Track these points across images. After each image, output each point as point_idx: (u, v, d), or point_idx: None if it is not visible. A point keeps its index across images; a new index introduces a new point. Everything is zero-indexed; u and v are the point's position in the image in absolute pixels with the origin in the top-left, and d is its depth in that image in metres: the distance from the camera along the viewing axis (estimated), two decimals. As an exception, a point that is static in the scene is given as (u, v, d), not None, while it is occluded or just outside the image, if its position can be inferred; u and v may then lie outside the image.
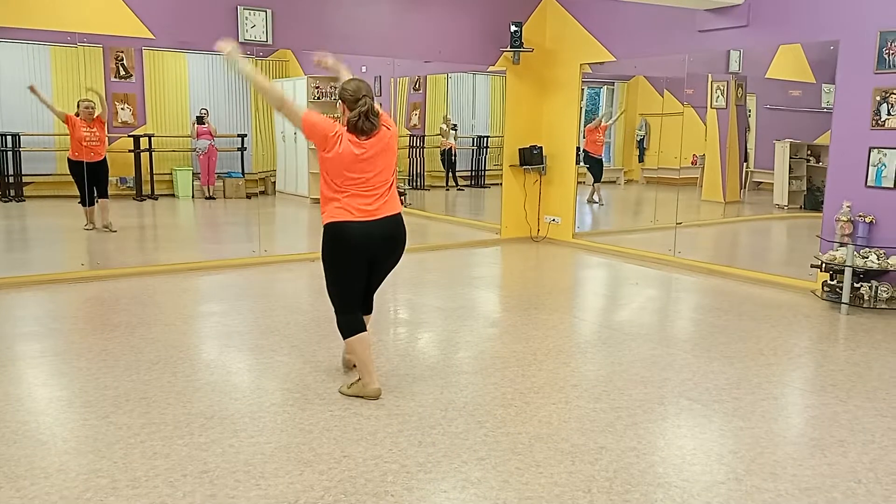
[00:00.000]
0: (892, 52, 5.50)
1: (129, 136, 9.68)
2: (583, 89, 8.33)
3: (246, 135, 10.74)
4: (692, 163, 8.20)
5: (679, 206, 7.45)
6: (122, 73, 9.85)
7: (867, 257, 5.47)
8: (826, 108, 6.36)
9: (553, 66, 8.31)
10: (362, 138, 3.41)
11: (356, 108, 3.37)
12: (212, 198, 10.54)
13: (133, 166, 9.72)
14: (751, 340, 4.72)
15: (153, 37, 6.25)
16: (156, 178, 9.96)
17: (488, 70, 8.53)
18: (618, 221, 10.28)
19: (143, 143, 9.72)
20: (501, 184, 8.62)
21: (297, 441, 3.12)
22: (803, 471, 2.93)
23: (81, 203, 7.65)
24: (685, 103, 7.61)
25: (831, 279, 5.68)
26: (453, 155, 10.91)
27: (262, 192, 11.05)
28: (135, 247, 7.82)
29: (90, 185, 7.47)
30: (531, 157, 8.33)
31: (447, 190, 11.06)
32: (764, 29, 6.36)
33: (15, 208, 8.92)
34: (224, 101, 10.74)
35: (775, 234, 8.82)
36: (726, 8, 6.53)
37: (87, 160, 7.31)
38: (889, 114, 5.57)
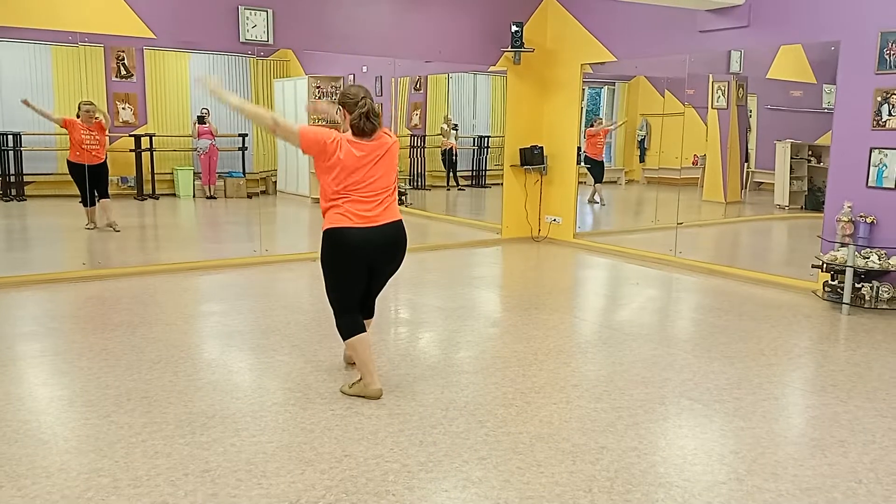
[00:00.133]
0: (892, 52, 5.50)
1: (130, 136, 9.69)
2: (584, 89, 8.33)
3: (247, 134, 10.73)
4: (693, 163, 8.20)
5: (680, 206, 7.45)
6: (123, 72, 9.85)
7: (868, 257, 5.47)
8: (827, 108, 6.36)
9: (554, 66, 8.31)
10: (364, 139, 3.44)
11: (357, 109, 3.42)
12: (213, 197, 10.55)
13: (134, 166, 9.72)
14: (752, 340, 4.72)
15: (154, 36, 6.26)
16: (157, 177, 9.96)
17: (489, 70, 8.54)
18: (619, 221, 10.28)
19: (145, 142, 9.73)
20: (502, 184, 8.62)
21: (299, 440, 3.12)
22: (804, 471, 2.93)
23: (82, 203, 7.68)
24: (686, 103, 7.61)
25: (832, 279, 5.68)
26: (454, 155, 10.91)
27: (263, 192, 11.06)
28: (136, 246, 7.82)
29: (90, 186, 7.48)
30: (532, 157, 8.33)
31: (448, 190, 11.06)
32: (765, 29, 6.36)
33: (16, 207, 8.93)
34: (225, 100, 10.73)
35: (776, 235, 8.82)
36: (727, 8, 6.53)
37: (86, 163, 7.32)
38: (890, 114, 5.56)
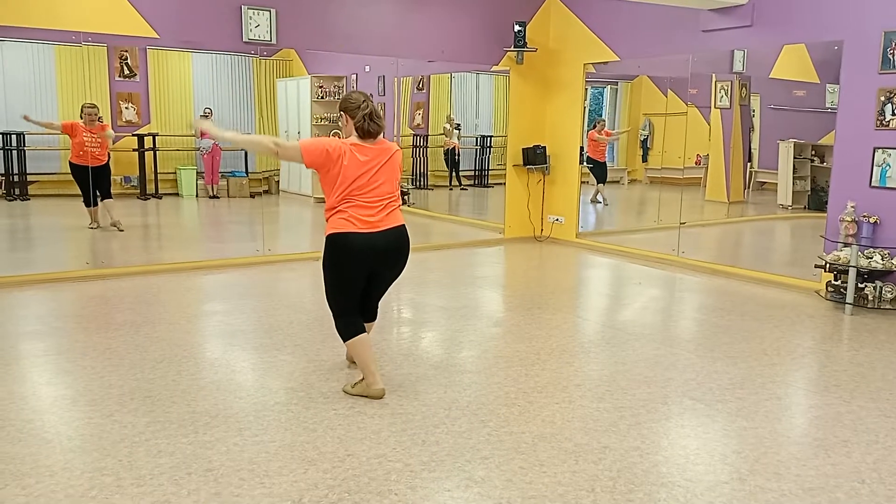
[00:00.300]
0: (896, 52, 5.49)
1: (134, 136, 9.71)
2: (586, 89, 8.32)
3: (250, 134, 10.75)
4: (696, 163, 8.20)
5: (683, 206, 7.45)
6: (126, 72, 9.86)
7: (871, 257, 5.46)
8: (830, 108, 6.36)
9: (556, 65, 8.31)
10: (368, 143, 3.48)
11: (360, 112, 3.46)
12: (216, 197, 10.57)
13: (137, 165, 9.74)
14: (754, 340, 4.71)
15: (158, 36, 6.27)
16: (160, 177, 9.98)
17: (492, 70, 8.54)
18: (621, 221, 10.27)
19: (148, 142, 9.75)
20: (505, 183, 8.62)
21: (302, 440, 3.13)
22: (807, 471, 2.93)
23: (85, 203, 7.70)
24: (689, 103, 7.61)
25: (835, 279, 5.67)
26: (457, 154, 10.92)
27: (266, 192, 11.08)
28: (139, 246, 7.83)
29: (92, 187, 7.50)
30: (535, 157, 8.33)
31: (450, 189, 11.07)
32: (768, 29, 6.35)
33: (19, 207, 8.95)
34: (228, 100, 10.76)
35: (779, 235, 8.81)
36: (730, 8, 6.53)
37: (88, 164, 7.33)
38: (893, 114, 5.55)
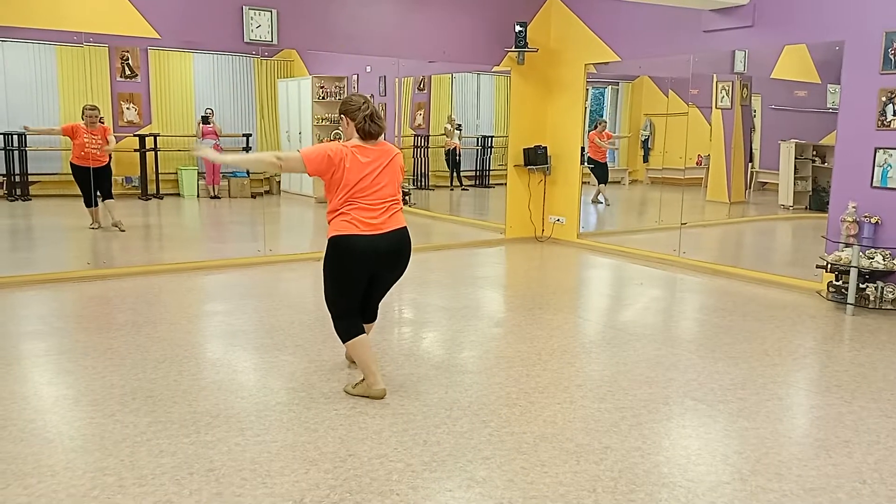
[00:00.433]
0: (897, 52, 5.49)
1: (135, 136, 9.71)
2: (587, 89, 8.32)
3: (251, 134, 10.76)
4: (697, 163, 8.19)
5: (684, 206, 7.45)
6: (127, 72, 9.87)
7: (873, 258, 5.46)
8: (831, 108, 6.35)
9: (557, 66, 8.31)
10: (370, 144, 3.49)
11: (360, 114, 3.47)
12: (217, 197, 10.56)
13: (138, 166, 9.75)
14: (756, 341, 4.71)
15: (159, 37, 6.27)
16: (161, 177, 9.98)
17: (493, 70, 8.53)
18: (622, 222, 10.26)
19: (149, 142, 9.75)
20: (506, 184, 8.62)
21: (303, 440, 3.13)
22: (808, 471, 2.93)
23: (86, 204, 7.70)
24: (690, 103, 7.60)
25: (837, 280, 5.67)
26: (458, 155, 10.91)
27: (267, 192, 11.07)
28: (140, 246, 7.84)
29: (93, 187, 7.51)
30: (536, 157, 8.33)
31: (451, 190, 11.07)
32: (769, 29, 6.35)
33: (21, 207, 8.95)
34: (229, 100, 10.76)
35: (780, 235, 8.80)
36: (731, 8, 6.53)
37: (90, 165, 7.34)
38: (894, 114, 5.55)
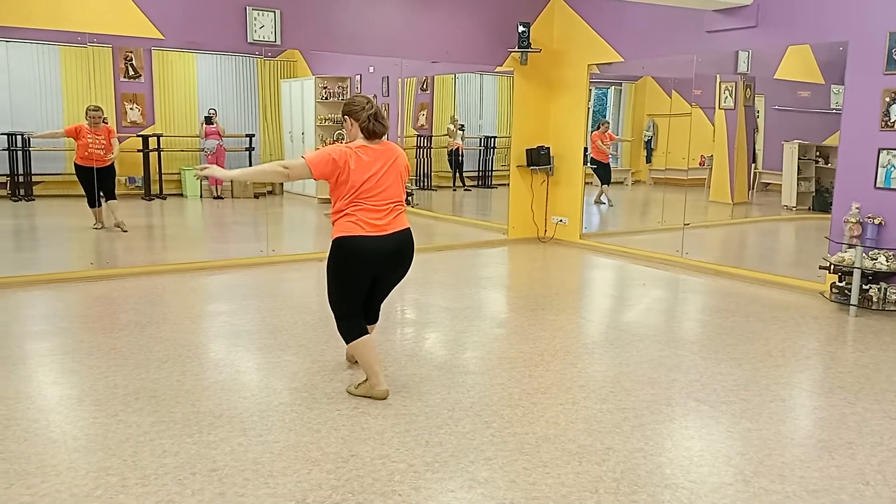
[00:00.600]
0: (901, 53, 5.48)
1: (138, 136, 9.73)
2: (590, 90, 8.32)
3: (254, 135, 10.78)
4: (700, 164, 8.18)
5: (687, 206, 7.44)
6: (131, 73, 9.90)
7: (876, 259, 5.45)
8: (835, 109, 6.34)
9: (561, 66, 8.31)
10: (374, 143, 3.50)
11: (364, 113, 3.48)
12: (220, 197, 10.59)
13: (142, 166, 9.77)
14: (759, 342, 4.71)
15: (162, 37, 6.28)
16: (164, 177, 10.01)
17: (496, 70, 8.53)
18: (625, 222, 10.26)
19: (152, 142, 9.77)
20: (508, 184, 8.62)
21: (306, 440, 3.13)
22: (811, 472, 2.92)
23: (89, 204, 7.72)
24: (693, 104, 7.59)
25: (840, 281, 5.66)
26: (460, 155, 10.92)
27: (270, 192, 11.08)
28: (143, 246, 7.85)
29: (97, 188, 7.52)
30: (538, 158, 8.33)
31: (454, 190, 11.07)
32: (773, 30, 6.34)
33: (24, 207, 8.98)
34: (232, 101, 10.79)
35: (783, 236, 8.79)
36: (735, 8, 6.52)
37: (94, 165, 7.35)
38: (898, 115, 5.54)
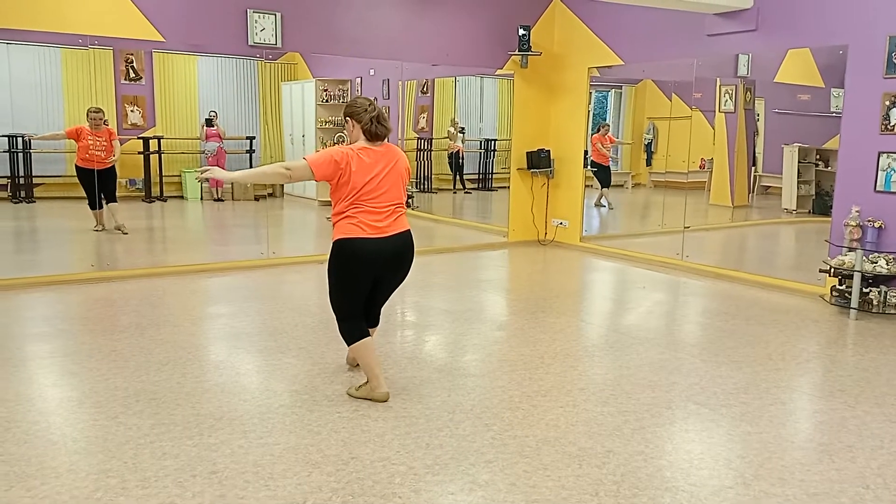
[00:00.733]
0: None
1: (139, 139, 9.73)
2: (591, 93, 8.33)
3: (255, 137, 10.77)
4: (700, 167, 8.19)
5: (687, 209, 7.44)
6: (132, 75, 9.90)
7: (876, 262, 5.45)
8: (835, 112, 6.34)
9: (561, 69, 8.32)
10: (375, 145, 3.51)
11: (366, 115, 3.49)
12: (220, 200, 10.59)
13: (142, 168, 9.77)
14: (759, 345, 4.71)
15: (163, 39, 6.29)
16: (165, 180, 10.00)
17: (496, 73, 8.54)
18: (625, 225, 10.26)
19: (153, 145, 9.77)
20: (509, 187, 8.63)
21: (306, 442, 3.13)
22: (811, 476, 2.92)
23: (90, 206, 7.72)
24: (693, 107, 7.60)
25: (840, 284, 5.66)
26: (461, 158, 10.92)
27: (271, 195, 11.07)
28: (144, 248, 7.85)
29: (98, 190, 7.53)
30: (539, 161, 8.33)
31: (454, 193, 11.07)
32: (773, 33, 6.35)
33: (25, 209, 8.97)
34: (233, 103, 10.79)
35: (783, 239, 8.79)
36: (735, 12, 6.53)
37: (93, 167, 7.36)
38: (898, 118, 5.55)
